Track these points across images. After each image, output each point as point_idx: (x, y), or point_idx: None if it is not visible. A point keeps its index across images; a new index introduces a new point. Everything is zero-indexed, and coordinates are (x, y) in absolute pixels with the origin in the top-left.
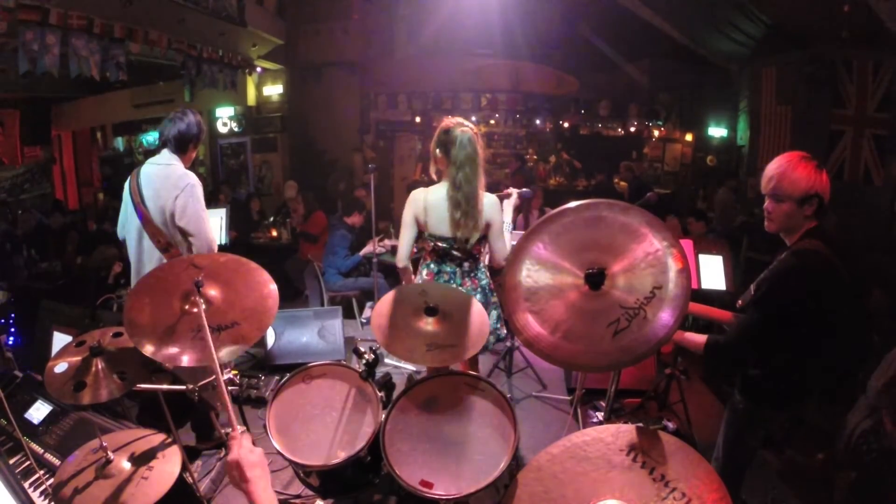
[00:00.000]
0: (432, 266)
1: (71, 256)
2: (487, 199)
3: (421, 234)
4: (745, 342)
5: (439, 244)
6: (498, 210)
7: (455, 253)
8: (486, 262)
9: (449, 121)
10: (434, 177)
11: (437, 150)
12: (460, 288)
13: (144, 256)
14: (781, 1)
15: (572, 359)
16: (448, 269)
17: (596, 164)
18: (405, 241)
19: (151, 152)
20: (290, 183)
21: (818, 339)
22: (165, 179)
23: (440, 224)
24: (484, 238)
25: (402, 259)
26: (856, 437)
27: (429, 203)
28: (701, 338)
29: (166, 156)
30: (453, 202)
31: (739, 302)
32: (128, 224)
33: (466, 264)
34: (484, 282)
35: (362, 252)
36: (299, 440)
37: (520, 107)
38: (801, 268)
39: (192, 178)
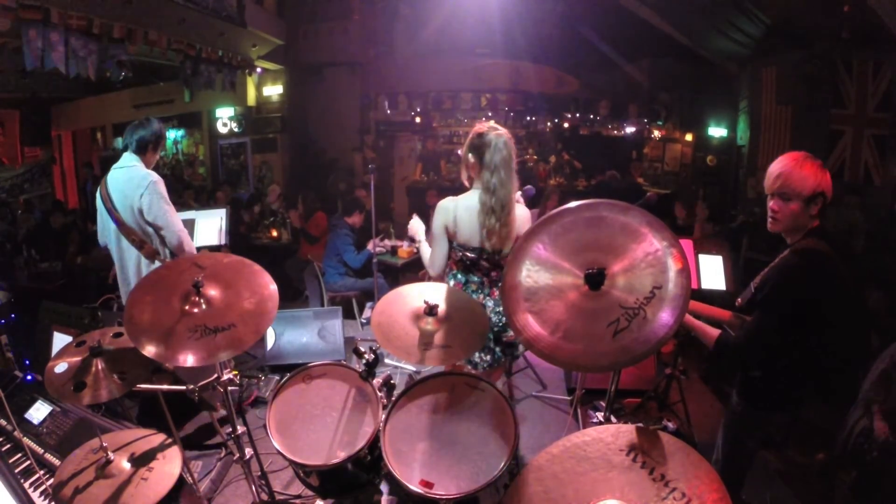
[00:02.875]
0: (459, 276)
1: (71, 256)
2: (520, 210)
3: (449, 244)
4: (755, 344)
5: (468, 254)
6: (528, 224)
7: (483, 263)
8: None
9: (482, 125)
10: (466, 182)
11: (470, 155)
12: (488, 298)
13: (125, 256)
14: (781, 1)
15: (572, 359)
16: (475, 279)
17: (596, 164)
18: (440, 254)
19: None
20: (273, 187)
21: (820, 339)
22: (129, 181)
23: (471, 234)
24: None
25: (436, 270)
26: (854, 436)
27: (459, 212)
28: (714, 331)
29: (128, 158)
30: (486, 208)
31: (739, 300)
32: (105, 229)
33: (494, 273)
34: None
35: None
36: (299, 440)
37: (520, 107)
38: (805, 267)
39: (154, 176)
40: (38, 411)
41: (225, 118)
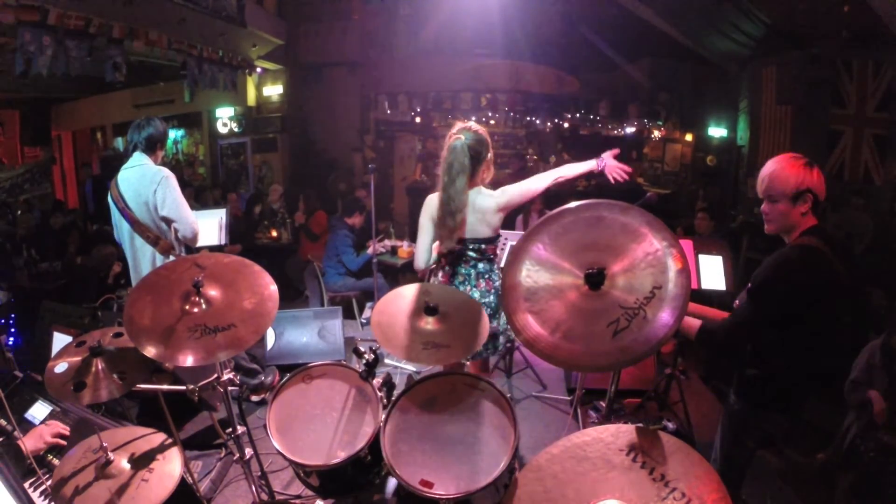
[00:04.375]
0: (447, 269)
1: (71, 256)
2: (487, 194)
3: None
4: (737, 331)
5: (455, 246)
6: (503, 192)
7: (470, 254)
8: (502, 264)
9: (452, 129)
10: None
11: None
12: (475, 289)
13: (138, 254)
14: (781, 1)
15: (572, 359)
16: (463, 271)
17: None
18: (423, 244)
19: None
20: (275, 187)
21: (815, 338)
22: (142, 178)
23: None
24: (497, 238)
25: (421, 263)
26: (850, 438)
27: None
28: (696, 322)
29: (137, 157)
30: (444, 207)
31: (737, 302)
32: (119, 229)
33: (481, 265)
34: (498, 283)
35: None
36: (299, 440)
37: (519, 107)
38: (797, 261)
39: (166, 172)
40: (38, 411)
41: (225, 118)
